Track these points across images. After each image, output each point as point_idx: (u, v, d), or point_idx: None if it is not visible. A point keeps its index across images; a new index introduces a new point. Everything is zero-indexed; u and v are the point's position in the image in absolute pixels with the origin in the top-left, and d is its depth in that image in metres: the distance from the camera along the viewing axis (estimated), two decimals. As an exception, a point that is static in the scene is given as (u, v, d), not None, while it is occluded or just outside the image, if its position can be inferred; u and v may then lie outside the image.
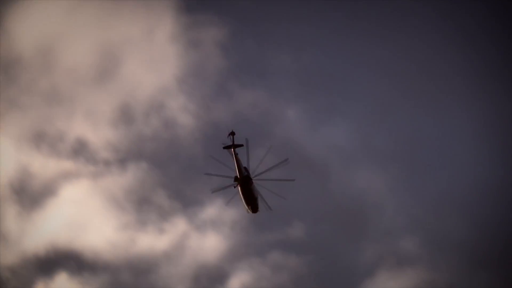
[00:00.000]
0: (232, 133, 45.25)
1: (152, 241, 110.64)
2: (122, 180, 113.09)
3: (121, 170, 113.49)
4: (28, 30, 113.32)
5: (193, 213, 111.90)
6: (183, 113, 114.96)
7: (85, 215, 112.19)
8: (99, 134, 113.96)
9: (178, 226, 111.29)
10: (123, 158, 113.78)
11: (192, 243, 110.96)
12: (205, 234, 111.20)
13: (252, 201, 44.23)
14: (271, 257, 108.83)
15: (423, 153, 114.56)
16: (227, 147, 44.19)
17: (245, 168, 43.89)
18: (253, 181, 43.71)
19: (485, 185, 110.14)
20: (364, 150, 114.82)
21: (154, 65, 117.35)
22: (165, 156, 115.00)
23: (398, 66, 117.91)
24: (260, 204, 47.24)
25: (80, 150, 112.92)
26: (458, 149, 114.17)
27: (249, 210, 47.98)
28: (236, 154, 42.37)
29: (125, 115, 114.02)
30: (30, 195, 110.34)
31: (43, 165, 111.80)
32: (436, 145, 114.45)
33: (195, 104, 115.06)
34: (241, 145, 43.63)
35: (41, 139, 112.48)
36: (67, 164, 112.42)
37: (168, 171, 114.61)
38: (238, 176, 41.42)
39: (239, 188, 42.89)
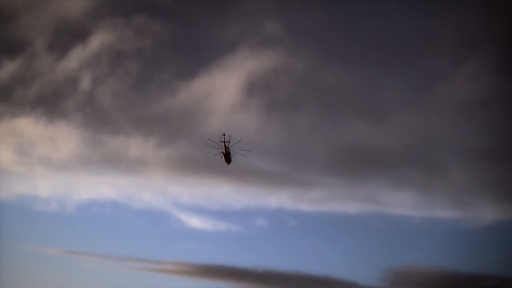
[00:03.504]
0: (224, 134, 74.50)
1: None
2: None
3: None
4: None
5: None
6: None
7: None
8: None
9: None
10: None
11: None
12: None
13: (228, 161, 76.42)
14: (136, 19, 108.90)
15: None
16: (222, 142, 74.55)
17: (227, 148, 75.12)
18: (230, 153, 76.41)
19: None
20: None
21: None
22: None
23: None
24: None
25: None
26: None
27: (225, 163, 76.99)
28: (225, 144, 74.90)
29: None
30: None
31: None
32: None
33: None
34: (228, 141, 74.42)
35: None
36: None
37: None
38: (224, 152, 75.54)
39: (223, 155, 75.80)
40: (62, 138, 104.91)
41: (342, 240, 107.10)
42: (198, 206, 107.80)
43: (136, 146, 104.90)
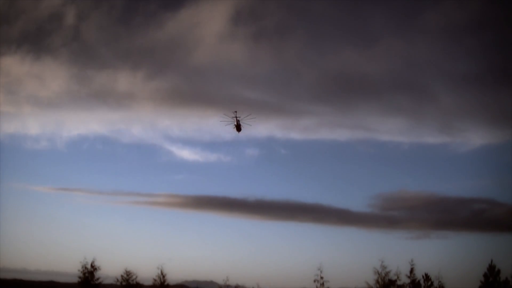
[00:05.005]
0: (235, 111, 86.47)
1: None
2: None
3: None
4: None
5: None
6: None
7: None
8: None
9: None
10: None
11: None
12: None
13: (239, 130, 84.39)
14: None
15: None
16: (234, 117, 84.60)
17: (238, 120, 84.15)
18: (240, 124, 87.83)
19: None
20: None
21: None
22: None
23: None
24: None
25: None
26: None
27: (237, 132, 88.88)
28: (237, 119, 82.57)
29: None
30: None
31: None
32: None
33: None
34: (239, 116, 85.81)
35: None
36: None
37: None
38: (236, 124, 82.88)
39: (235, 126, 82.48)
40: (49, 75, 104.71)
41: (332, 167, 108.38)
42: (188, 138, 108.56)
43: (124, 80, 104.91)
